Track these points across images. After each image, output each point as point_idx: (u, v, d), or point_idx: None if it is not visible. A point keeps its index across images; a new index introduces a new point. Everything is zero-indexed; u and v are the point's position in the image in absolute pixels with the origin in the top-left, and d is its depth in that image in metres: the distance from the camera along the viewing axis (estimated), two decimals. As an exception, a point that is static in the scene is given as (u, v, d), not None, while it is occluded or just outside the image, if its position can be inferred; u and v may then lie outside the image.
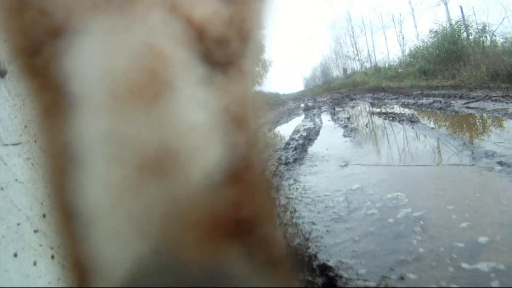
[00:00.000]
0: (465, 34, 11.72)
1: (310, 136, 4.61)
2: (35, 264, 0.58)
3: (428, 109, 5.36)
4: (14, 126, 0.60)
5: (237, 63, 0.31)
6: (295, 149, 3.72)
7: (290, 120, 7.60)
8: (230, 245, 0.30)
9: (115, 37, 0.28)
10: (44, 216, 0.61)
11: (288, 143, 4.08)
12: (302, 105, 11.34)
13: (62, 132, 0.29)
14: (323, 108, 8.94)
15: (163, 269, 0.29)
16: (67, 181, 0.29)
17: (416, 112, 5.27)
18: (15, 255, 0.55)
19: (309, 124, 5.97)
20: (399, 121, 4.59)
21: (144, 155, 0.28)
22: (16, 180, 0.58)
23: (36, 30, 0.28)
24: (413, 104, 6.24)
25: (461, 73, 9.07)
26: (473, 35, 11.58)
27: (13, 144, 0.59)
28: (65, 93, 0.28)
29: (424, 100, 6.32)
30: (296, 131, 5.16)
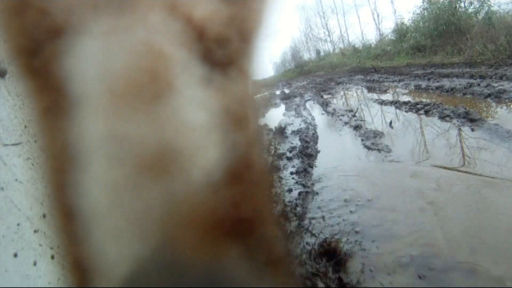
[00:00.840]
0: (463, 4, 10.26)
1: (307, 148, 2.63)
2: (35, 264, 0.58)
3: (468, 96, 3.59)
4: (14, 126, 0.60)
5: (237, 63, 0.31)
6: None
7: (267, 113, 5.70)
8: (230, 245, 0.30)
9: (115, 37, 0.28)
10: (44, 216, 0.61)
11: (272, 165, 2.04)
12: (278, 93, 9.34)
13: (62, 132, 0.29)
14: (307, 96, 7.39)
15: (163, 269, 0.29)
16: (67, 181, 0.29)
17: (454, 101, 3.44)
18: (15, 255, 0.55)
19: (297, 122, 4.11)
20: (441, 118, 2.81)
21: (144, 155, 0.28)
22: (16, 180, 0.58)
23: (36, 30, 0.28)
24: (437, 88, 4.45)
25: (470, 47, 7.76)
26: (472, 5, 10.09)
27: (13, 144, 0.59)
28: (65, 93, 0.28)
29: (447, 83, 4.72)
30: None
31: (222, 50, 0.30)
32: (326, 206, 1.48)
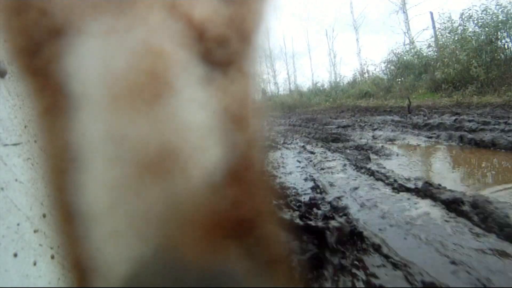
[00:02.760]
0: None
1: None
2: (35, 264, 0.58)
3: None
4: (14, 126, 0.60)
5: (237, 63, 0.31)
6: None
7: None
8: (230, 244, 0.30)
9: (115, 37, 0.28)
10: (44, 216, 0.61)
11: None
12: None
13: (62, 132, 0.29)
14: (305, 156, 2.94)
15: (162, 269, 0.29)
16: (67, 181, 0.29)
17: None
18: (15, 255, 0.55)
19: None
20: None
21: (144, 155, 0.28)
22: (16, 180, 0.58)
23: (36, 30, 0.27)
24: None
25: None
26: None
27: (13, 144, 0.59)
28: (65, 93, 0.28)
29: None
30: None
31: (222, 50, 0.30)
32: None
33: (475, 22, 8.25)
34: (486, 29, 7.78)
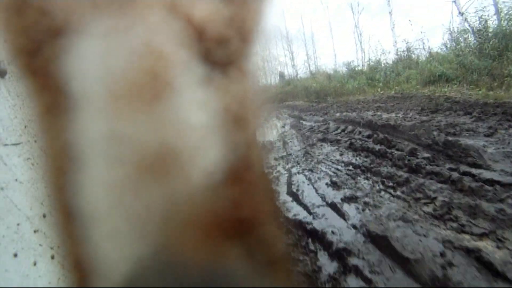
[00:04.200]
0: None
1: None
2: (35, 264, 0.58)
3: None
4: (14, 126, 0.60)
5: (237, 63, 0.31)
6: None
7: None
8: (230, 245, 0.30)
9: (115, 37, 0.28)
10: (44, 216, 0.61)
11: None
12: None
13: (62, 132, 0.29)
14: None
15: (163, 269, 0.29)
16: (67, 181, 0.29)
17: None
18: (15, 255, 0.55)
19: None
20: None
21: (144, 155, 0.28)
22: (16, 180, 0.58)
23: (36, 30, 0.28)
24: None
25: None
26: None
27: (13, 144, 0.59)
28: (65, 93, 0.28)
29: None
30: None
31: (222, 50, 0.30)
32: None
33: None
34: None
